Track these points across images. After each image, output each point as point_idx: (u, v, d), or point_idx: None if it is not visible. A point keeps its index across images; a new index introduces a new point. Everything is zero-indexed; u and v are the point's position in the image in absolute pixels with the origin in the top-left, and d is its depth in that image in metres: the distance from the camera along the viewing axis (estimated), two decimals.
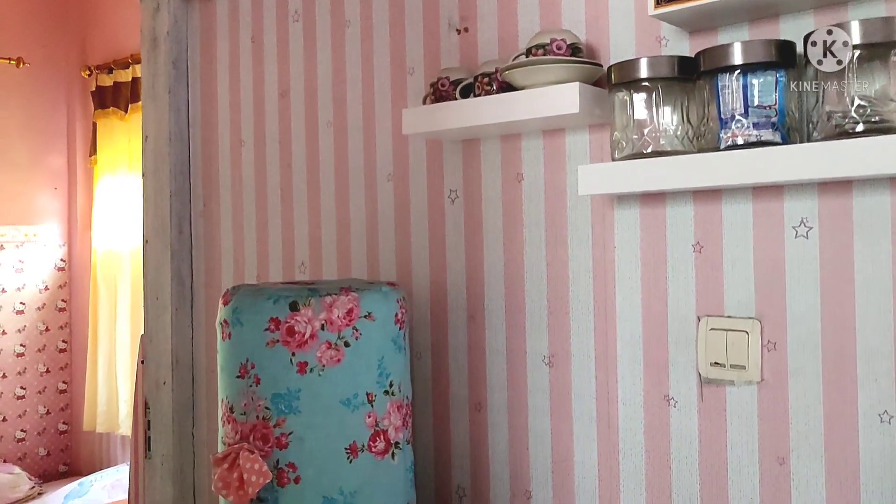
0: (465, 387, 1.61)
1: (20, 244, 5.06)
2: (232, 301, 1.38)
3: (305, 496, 1.32)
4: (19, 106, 5.06)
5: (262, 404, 1.33)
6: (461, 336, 1.61)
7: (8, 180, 5.00)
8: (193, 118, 2.11)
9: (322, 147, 1.83)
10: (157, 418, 2.12)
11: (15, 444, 5.01)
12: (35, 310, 5.10)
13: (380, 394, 1.37)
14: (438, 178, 1.64)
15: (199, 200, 2.10)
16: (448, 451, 1.64)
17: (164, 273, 2.09)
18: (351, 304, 1.35)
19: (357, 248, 1.77)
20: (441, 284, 1.64)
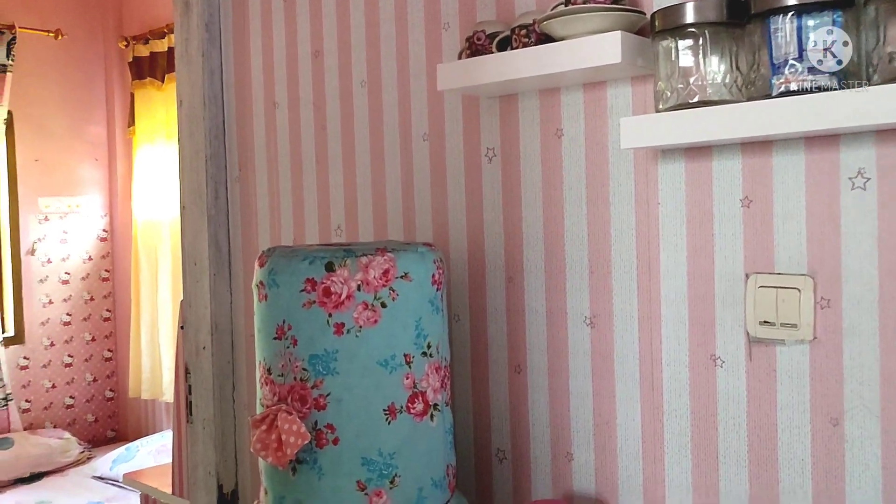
0: (504, 349, 1.58)
1: (64, 215, 5.14)
2: (268, 262, 1.36)
3: (344, 457, 1.31)
4: (59, 78, 5.11)
5: (300, 366, 1.31)
6: (499, 298, 1.58)
7: (50, 152, 5.07)
8: (227, 81, 2.09)
9: (356, 107, 1.80)
10: (197, 383, 2.13)
11: (64, 410, 5.14)
12: (80, 280, 5.20)
13: (417, 355, 1.35)
14: (475, 136, 1.60)
15: (234, 165, 2.09)
16: (487, 414, 1.61)
17: (202, 239, 2.09)
18: (387, 264, 1.32)
19: (393, 210, 1.75)
20: (478, 245, 1.60)
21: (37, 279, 5.00)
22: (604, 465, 1.46)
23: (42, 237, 5.03)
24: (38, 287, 5.02)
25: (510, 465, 1.59)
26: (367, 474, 1.31)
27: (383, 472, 1.32)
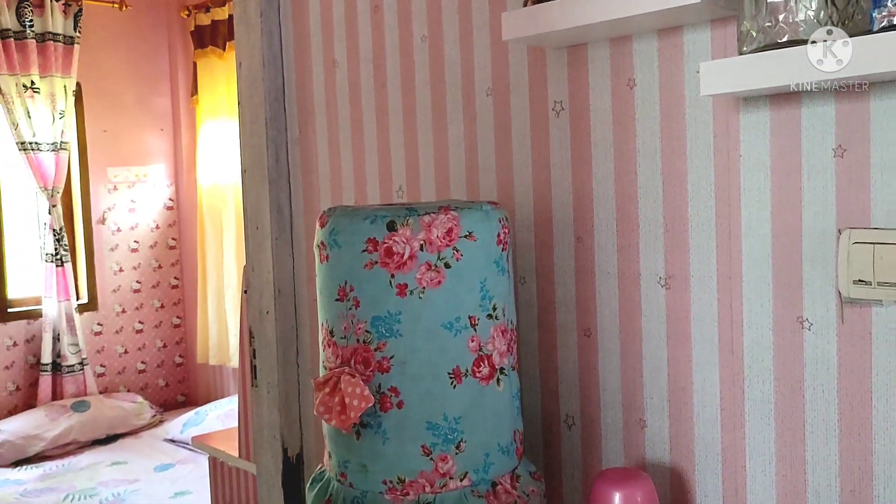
0: (573, 312, 1.52)
1: (131, 184, 5.24)
2: (329, 222, 1.33)
3: (409, 421, 1.27)
4: (124, 49, 5.18)
5: (363, 328, 1.28)
6: (568, 259, 1.52)
7: (118, 123, 5.16)
8: (286, 41, 2.05)
9: (417, 63, 1.74)
10: (261, 347, 2.13)
11: (137, 375, 5.29)
12: (148, 248, 5.31)
13: (483, 317, 1.30)
14: (541, 90, 1.52)
15: (294, 127, 2.06)
16: (555, 379, 1.56)
17: (263, 202, 2.07)
18: (450, 223, 1.27)
19: (455, 170, 1.69)
20: (545, 204, 1.54)
21: (107, 247, 5.13)
22: (679, 432, 1.39)
23: (111, 206, 5.15)
24: (109, 255, 5.14)
25: (579, 432, 1.53)
26: (432, 439, 1.28)
27: (449, 436, 1.28)
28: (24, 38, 4.60)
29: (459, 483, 1.29)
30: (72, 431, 4.58)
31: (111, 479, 4.12)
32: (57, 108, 4.73)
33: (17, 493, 3.97)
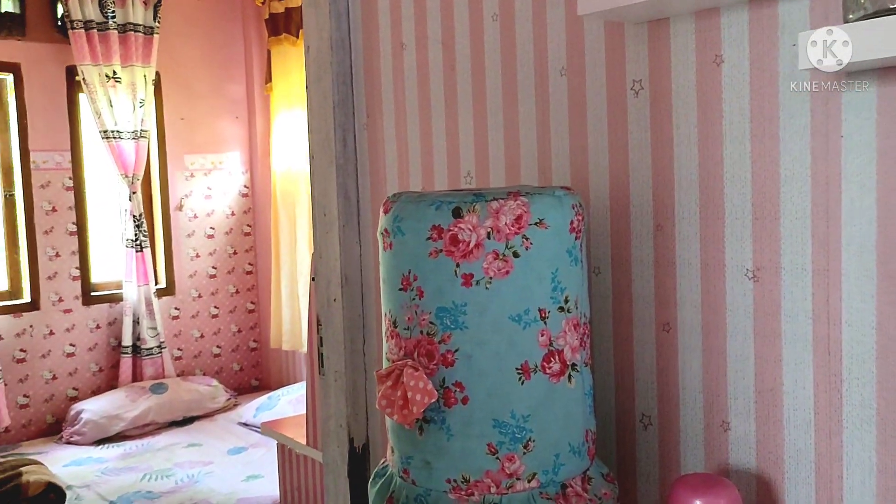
0: (651, 305, 1.42)
1: (208, 172, 5.33)
2: (393, 208, 1.27)
3: (474, 418, 1.21)
4: (201, 38, 5.26)
5: (427, 319, 1.22)
6: (646, 248, 1.42)
7: (194, 111, 5.25)
8: (354, 23, 2.00)
9: (488, 44, 1.67)
10: (328, 335, 2.10)
11: (212, 359, 5.39)
12: (223, 234, 5.40)
13: (553, 310, 1.23)
14: (619, 68, 1.43)
15: (362, 111, 2.02)
16: (631, 376, 1.47)
17: (330, 189, 2.04)
18: (520, 209, 1.20)
19: (527, 155, 1.61)
20: (622, 191, 1.45)
21: (184, 233, 5.24)
22: (767, 437, 1.29)
23: (188, 193, 5.25)
24: (186, 241, 5.25)
25: (656, 433, 1.44)
26: (498, 437, 1.21)
27: (516, 435, 1.21)
28: (107, 30, 4.71)
29: (527, 484, 1.22)
30: (150, 413, 4.71)
31: (186, 461, 4.21)
32: (137, 97, 4.83)
33: (99, 470, 4.10)
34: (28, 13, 4.61)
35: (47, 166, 4.69)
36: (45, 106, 4.67)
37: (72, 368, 4.82)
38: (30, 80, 4.62)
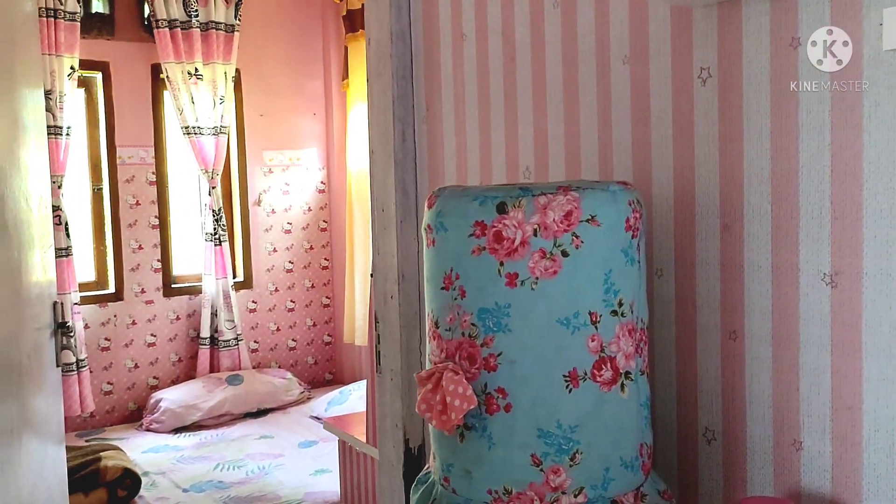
0: (717, 311, 1.32)
1: (286, 168, 5.40)
2: (436, 203, 1.21)
3: (517, 426, 1.14)
4: (280, 35, 5.32)
5: (469, 320, 1.16)
6: (712, 249, 1.32)
7: (273, 107, 5.32)
8: (415, 15, 1.95)
9: (548, 33, 1.59)
10: (385, 332, 2.06)
11: (288, 352, 5.46)
12: (300, 229, 5.45)
13: (606, 314, 1.14)
14: (686, 55, 1.33)
15: (421, 105, 1.96)
16: (694, 387, 1.37)
17: (389, 184, 2.00)
18: (570, 205, 1.12)
19: (587, 149, 1.52)
20: (687, 187, 1.34)
21: (262, 228, 5.32)
22: (843, 459, 1.17)
23: (267, 189, 5.32)
24: (264, 236, 5.33)
25: (720, 448, 1.33)
26: (543, 448, 1.14)
27: (562, 446, 1.13)
28: (190, 28, 4.82)
29: (573, 499, 1.14)
30: (226, 403, 4.79)
31: (258, 452, 4.26)
32: (218, 94, 4.93)
33: (175, 458, 4.19)
34: (117, 13, 4.76)
35: (132, 161, 4.83)
36: (131, 103, 4.82)
37: (153, 358, 4.96)
38: (117, 77, 4.77)
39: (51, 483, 2.25)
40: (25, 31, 2.11)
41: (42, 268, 2.22)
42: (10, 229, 1.89)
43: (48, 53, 4.36)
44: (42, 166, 2.27)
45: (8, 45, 1.94)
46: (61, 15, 4.39)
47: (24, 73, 2.10)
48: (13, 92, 1.98)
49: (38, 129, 2.24)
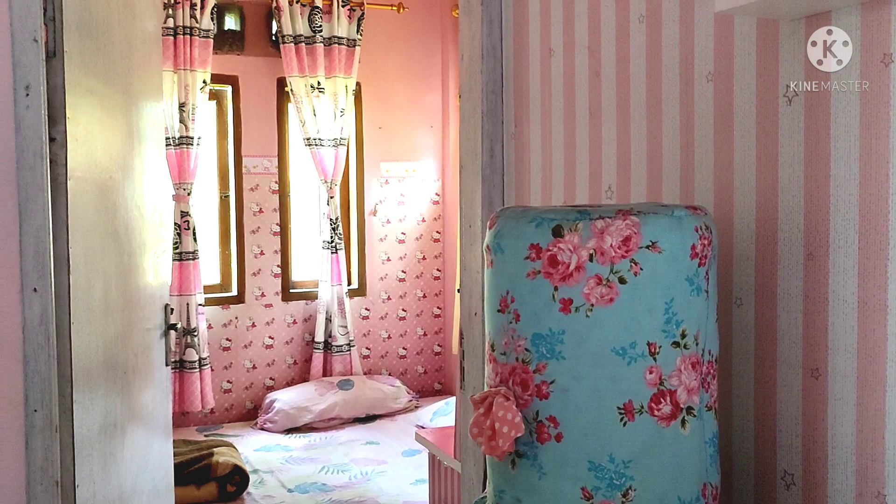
0: (799, 346, 1.23)
1: (402, 179, 5.50)
2: (496, 224, 1.19)
3: (568, 457, 1.10)
4: (400, 50, 5.44)
5: (522, 345, 1.13)
6: (794, 279, 1.23)
7: (391, 120, 5.44)
8: (506, 30, 1.94)
9: (633, 48, 1.54)
10: (469, 349, 2.05)
11: (398, 360, 5.55)
12: (414, 239, 5.54)
13: (666, 345, 1.09)
14: (772, 72, 1.25)
15: (510, 120, 1.95)
16: (773, 426, 1.28)
17: (476, 200, 1.99)
18: (629, 230, 1.07)
19: (669, 169, 1.46)
20: (770, 211, 1.26)
21: (377, 238, 5.44)
22: None
23: (383, 199, 5.44)
24: (378, 245, 5.45)
25: (800, 495, 1.24)
26: (594, 481, 1.09)
27: (614, 481, 1.09)
28: (314, 43, 5.01)
29: None
30: (336, 407, 4.92)
31: (363, 458, 4.35)
32: (338, 107, 5.09)
33: (284, 458, 4.34)
34: (247, 30, 5.01)
35: (257, 171, 5.06)
36: (257, 115, 5.05)
37: (270, 360, 5.16)
38: (245, 91, 5.02)
39: (155, 475, 2.38)
40: (145, 49, 2.26)
41: (154, 272, 2.36)
42: (120, 235, 2.02)
43: (183, 68, 4.65)
44: (158, 175, 2.42)
45: (125, 62, 2.08)
46: (196, 32, 4.67)
47: (143, 88, 2.25)
48: (129, 105, 2.12)
49: (155, 140, 2.39)
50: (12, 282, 1.52)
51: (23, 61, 1.52)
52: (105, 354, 1.90)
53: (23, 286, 1.53)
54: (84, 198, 1.75)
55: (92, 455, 1.81)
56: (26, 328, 1.54)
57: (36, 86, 1.54)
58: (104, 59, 1.92)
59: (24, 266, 1.53)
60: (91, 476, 1.82)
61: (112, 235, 1.96)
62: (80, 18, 1.76)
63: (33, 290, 1.54)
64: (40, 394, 1.57)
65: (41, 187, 1.55)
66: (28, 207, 1.54)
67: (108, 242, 1.93)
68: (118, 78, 2.04)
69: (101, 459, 1.87)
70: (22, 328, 1.54)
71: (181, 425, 4.87)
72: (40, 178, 1.55)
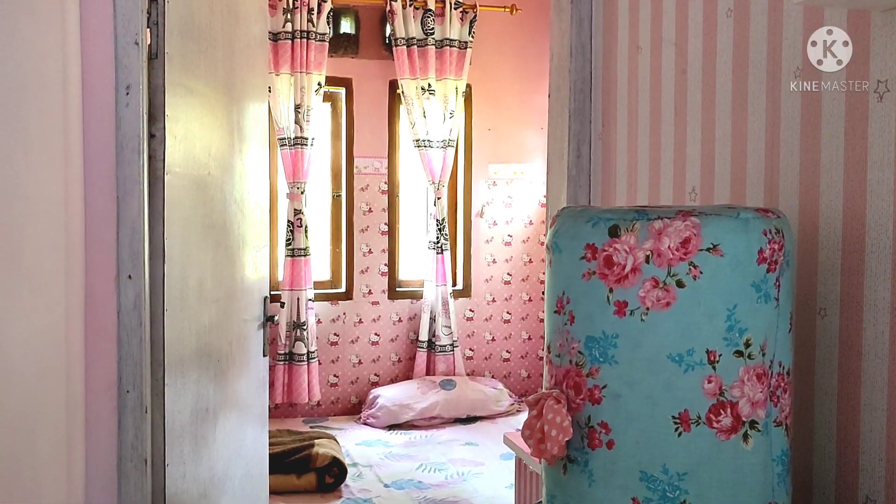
0: (885, 361, 1.13)
1: (509, 181, 5.49)
2: (555, 223, 1.17)
3: (619, 465, 1.06)
4: (512, 51, 5.42)
5: (576, 347, 1.10)
6: (882, 290, 1.14)
7: (500, 121, 5.44)
8: (595, 28, 1.90)
9: (720, 43, 1.47)
10: None
11: (501, 363, 5.54)
12: (520, 242, 5.51)
13: (727, 354, 1.03)
14: (862, 66, 1.16)
15: (598, 120, 1.90)
16: (856, 447, 1.19)
17: (562, 201, 1.96)
18: (688, 231, 1.02)
19: (754, 170, 1.38)
20: (858, 216, 1.17)
21: (483, 239, 5.44)
22: None
23: (489, 201, 5.44)
24: (484, 247, 5.45)
25: None
26: (645, 492, 1.05)
27: (667, 493, 1.04)
28: (426, 46, 5.08)
29: None
30: (437, 407, 4.96)
31: (461, 458, 4.36)
32: (448, 108, 5.13)
33: (384, 453, 4.42)
34: (361, 33, 5.14)
35: (367, 171, 5.18)
36: (369, 116, 5.17)
37: (375, 356, 5.27)
38: (359, 93, 5.15)
39: (249, 461, 2.48)
40: (249, 52, 2.36)
41: (254, 266, 2.46)
42: (217, 229, 2.12)
43: (299, 71, 4.82)
44: (259, 173, 2.52)
45: (227, 64, 2.18)
46: (313, 36, 4.83)
47: (247, 89, 2.35)
48: (230, 106, 2.22)
49: (258, 140, 2.49)
50: (109, 269, 1.63)
51: (124, 63, 1.63)
52: (198, 342, 2.00)
53: (119, 273, 1.63)
54: (181, 192, 1.85)
55: (183, 437, 1.90)
56: (121, 313, 1.65)
57: (136, 86, 1.64)
58: (206, 61, 2.02)
59: (120, 254, 1.63)
60: (182, 457, 1.91)
61: (209, 229, 2.05)
62: (183, 23, 1.86)
63: (128, 276, 1.64)
64: (132, 376, 1.67)
65: (137, 181, 1.65)
66: (125, 200, 1.64)
67: (205, 235, 2.03)
68: (220, 79, 2.14)
69: (192, 442, 1.97)
70: (117, 312, 1.64)
71: (289, 416, 5.05)
72: (137, 173, 1.65)
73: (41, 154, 1.51)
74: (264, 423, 2.63)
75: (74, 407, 1.61)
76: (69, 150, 1.58)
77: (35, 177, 1.49)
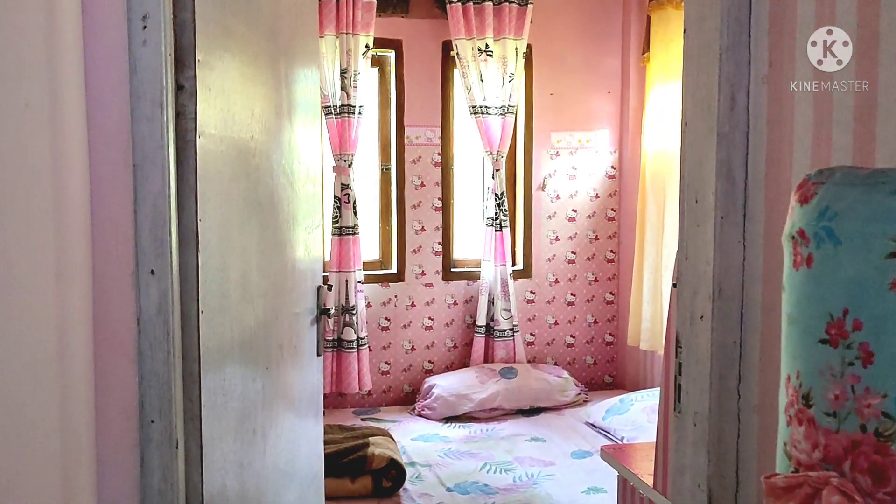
0: None
1: (574, 151, 5.01)
2: (818, 196, 0.72)
3: None
4: (576, 9, 4.93)
5: (876, 405, 0.66)
6: None
7: (564, 86, 4.95)
8: None
9: None
10: (689, 363, 1.58)
11: (565, 348, 5.10)
12: (586, 217, 5.04)
13: None
14: None
15: (761, 59, 1.44)
16: None
17: (707, 167, 1.50)
18: None
19: None
20: None
21: (545, 215, 4.99)
22: None
23: (552, 173, 4.98)
24: (546, 223, 5.00)
25: None
26: None
27: None
28: (483, 2, 4.60)
29: None
30: (498, 397, 4.56)
31: (527, 457, 3.95)
32: (507, 72, 4.67)
33: (443, 450, 4.03)
34: None
35: (419, 142, 4.75)
36: (420, 81, 4.73)
37: (429, 342, 4.87)
38: (409, 56, 4.70)
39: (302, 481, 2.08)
40: (295, 12, 1.92)
41: (306, 249, 2.04)
42: (264, 206, 1.70)
43: (345, 32, 4.39)
44: (311, 143, 2.09)
45: (270, 31, 1.74)
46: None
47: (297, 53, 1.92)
48: (277, 56, 1.79)
49: (307, 107, 2.06)
50: (124, 262, 1.22)
51: None
52: (242, 350, 1.59)
53: (137, 267, 1.22)
54: (218, 160, 1.43)
55: (226, 473, 1.50)
56: (142, 319, 1.24)
57: (156, 15, 1.22)
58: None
59: (139, 243, 1.22)
60: (224, 495, 1.51)
61: (254, 206, 1.64)
62: None
63: (150, 272, 1.23)
64: (158, 400, 1.26)
65: (160, 144, 1.23)
66: (144, 169, 1.22)
67: (249, 215, 1.61)
68: (263, 21, 1.71)
69: (236, 474, 1.57)
70: (136, 319, 1.23)
71: (338, 407, 4.68)
72: (160, 133, 1.22)
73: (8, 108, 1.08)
74: (319, 437, 2.23)
75: (76, 445, 1.21)
76: (61, 100, 1.16)
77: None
